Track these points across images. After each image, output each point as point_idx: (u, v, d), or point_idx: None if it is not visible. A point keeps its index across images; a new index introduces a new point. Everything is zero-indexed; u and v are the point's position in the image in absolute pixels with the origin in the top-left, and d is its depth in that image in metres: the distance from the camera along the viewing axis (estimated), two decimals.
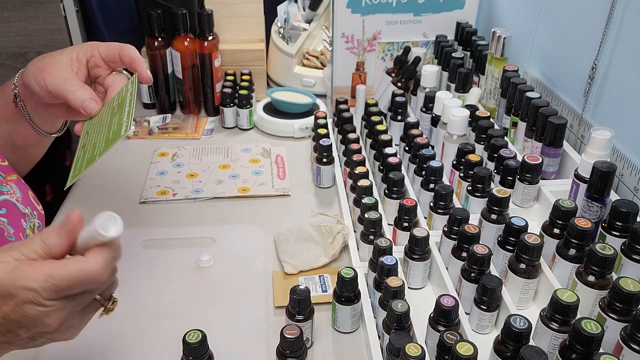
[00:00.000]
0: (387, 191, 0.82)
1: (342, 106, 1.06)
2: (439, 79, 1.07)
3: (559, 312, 0.56)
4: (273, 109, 1.18)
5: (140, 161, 1.04)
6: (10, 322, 0.48)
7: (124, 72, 0.72)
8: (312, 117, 1.09)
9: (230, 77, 1.18)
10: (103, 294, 0.53)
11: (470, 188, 0.79)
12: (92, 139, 0.66)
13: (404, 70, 1.11)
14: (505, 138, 0.86)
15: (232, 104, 1.14)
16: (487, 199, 0.74)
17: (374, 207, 0.76)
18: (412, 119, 0.96)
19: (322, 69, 1.25)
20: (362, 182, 0.81)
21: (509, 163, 0.79)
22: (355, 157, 0.88)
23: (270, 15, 1.29)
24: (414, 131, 0.92)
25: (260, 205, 0.93)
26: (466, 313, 0.65)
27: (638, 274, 0.61)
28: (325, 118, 1.03)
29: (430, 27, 1.12)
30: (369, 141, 0.97)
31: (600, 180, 0.68)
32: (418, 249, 0.70)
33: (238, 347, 0.66)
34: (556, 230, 0.68)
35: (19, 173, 0.75)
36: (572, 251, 0.64)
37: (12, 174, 0.72)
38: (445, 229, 0.72)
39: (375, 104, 1.04)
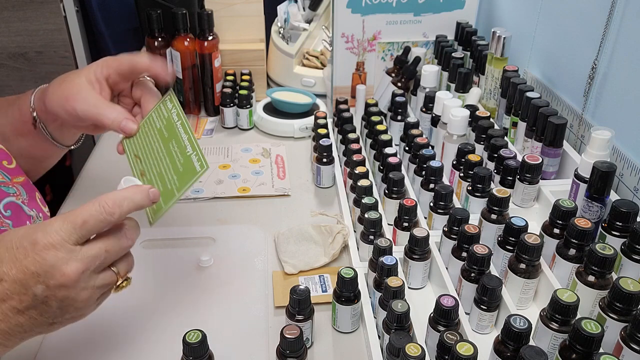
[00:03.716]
0: (387, 191, 0.82)
1: (342, 106, 1.06)
2: (439, 79, 1.07)
3: (559, 312, 0.56)
4: (273, 109, 1.18)
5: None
6: (29, 277, 0.49)
7: (146, 78, 0.72)
8: (312, 117, 1.09)
9: (230, 77, 1.18)
10: (119, 267, 0.55)
11: (470, 188, 0.79)
12: (152, 167, 0.65)
13: (404, 70, 1.11)
14: (505, 138, 0.86)
15: (232, 104, 1.14)
16: (487, 199, 0.74)
17: (374, 207, 0.76)
18: (412, 119, 0.96)
19: (322, 69, 1.25)
20: (362, 182, 0.81)
21: (509, 163, 0.79)
22: (355, 157, 0.88)
23: (270, 15, 1.29)
24: (414, 131, 0.92)
25: (260, 205, 0.93)
26: (466, 313, 0.65)
27: (638, 274, 0.61)
28: (325, 118, 1.03)
29: (430, 27, 1.12)
30: (369, 141, 0.97)
31: (600, 180, 0.68)
32: (418, 249, 0.70)
33: (238, 347, 0.66)
34: (556, 230, 0.68)
35: (30, 178, 0.76)
36: (572, 251, 0.64)
37: (20, 177, 0.72)
38: (445, 229, 0.72)
39: (375, 104, 1.04)
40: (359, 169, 0.84)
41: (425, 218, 0.80)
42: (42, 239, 0.50)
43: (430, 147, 0.87)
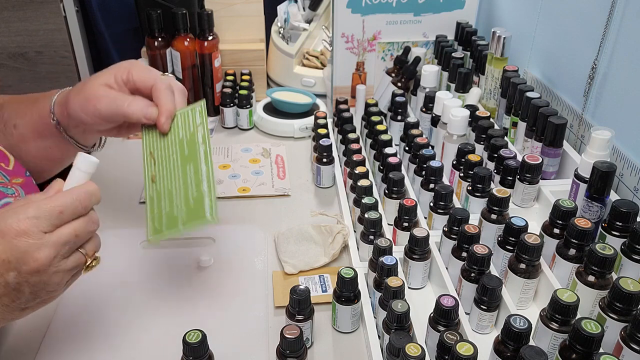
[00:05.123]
0: (387, 191, 0.82)
1: (342, 106, 1.06)
2: (439, 79, 1.07)
3: (559, 312, 0.56)
4: (273, 109, 1.18)
5: (140, 161, 1.04)
6: (0, 265, 0.50)
7: (169, 75, 0.72)
8: (312, 117, 1.09)
9: (230, 77, 1.18)
10: (87, 248, 0.56)
11: (470, 188, 0.79)
12: (164, 178, 0.64)
13: (404, 70, 1.11)
14: (505, 138, 0.86)
15: (232, 104, 1.14)
16: (487, 199, 0.74)
17: (374, 207, 0.76)
18: (412, 119, 0.96)
19: (322, 69, 1.25)
20: (362, 182, 0.81)
21: (509, 163, 0.79)
22: (355, 157, 0.88)
23: (270, 15, 1.29)
24: (414, 131, 0.92)
25: (260, 205, 0.93)
26: (466, 313, 0.65)
27: (638, 274, 0.61)
28: (325, 118, 1.03)
29: (430, 27, 1.12)
30: (369, 141, 0.97)
31: (600, 180, 0.68)
32: (418, 249, 0.70)
33: (238, 347, 0.66)
34: (556, 230, 0.68)
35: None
36: (572, 251, 0.64)
37: (19, 178, 0.72)
38: (445, 229, 0.72)
39: (375, 104, 1.04)
40: (359, 169, 0.84)
41: (425, 218, 0.80)
42: (13, 226, 0.50)
43: (430, 147, 0.87)
